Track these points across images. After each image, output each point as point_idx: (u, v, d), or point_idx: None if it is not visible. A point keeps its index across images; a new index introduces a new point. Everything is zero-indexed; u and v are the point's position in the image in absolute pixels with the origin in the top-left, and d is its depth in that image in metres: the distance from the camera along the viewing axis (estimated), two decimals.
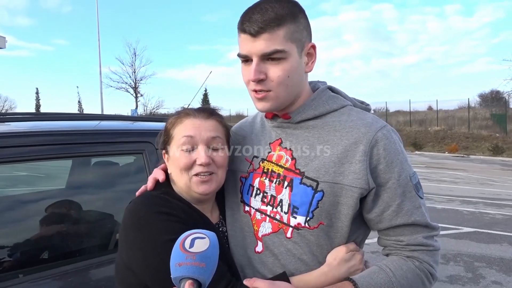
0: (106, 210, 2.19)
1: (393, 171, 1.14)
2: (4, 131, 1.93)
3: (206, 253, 0.86)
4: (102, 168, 2.40)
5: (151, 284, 1.13)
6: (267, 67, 1.13)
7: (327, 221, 1.15)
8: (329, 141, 1.18)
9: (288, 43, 1.12)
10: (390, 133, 1.18)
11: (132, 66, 43.12)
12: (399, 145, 1.18)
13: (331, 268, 1.16)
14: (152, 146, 2.09)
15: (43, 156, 1.89)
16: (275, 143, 1.26)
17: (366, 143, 1.13)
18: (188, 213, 1.20)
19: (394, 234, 1.19)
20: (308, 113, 1.22)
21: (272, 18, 1.10)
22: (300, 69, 1.18)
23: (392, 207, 1.15)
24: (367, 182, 1.12)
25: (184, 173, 1.22)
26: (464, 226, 7.28)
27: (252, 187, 1.27)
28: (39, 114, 2.83)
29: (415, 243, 1.17)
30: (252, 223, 1.25)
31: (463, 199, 9.98)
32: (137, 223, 1.15)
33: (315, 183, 1.14)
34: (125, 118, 3.09)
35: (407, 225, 1.16)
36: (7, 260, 1.80)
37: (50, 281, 1.71)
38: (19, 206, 2.22)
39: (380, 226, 1.19)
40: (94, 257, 1.95)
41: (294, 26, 1.13)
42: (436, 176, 14.40)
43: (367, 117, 1.20)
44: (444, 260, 5.45)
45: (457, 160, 21.88)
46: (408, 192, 1.16)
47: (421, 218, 1.17)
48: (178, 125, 1.26)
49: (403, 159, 1.17)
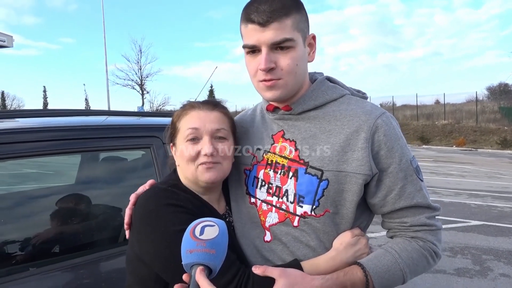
0: (115, 204, 2.22)
1: (394, 156, 1.18)
2: (13, 127, 1.97)
3: (216, 240, 0.89)
4: (111, 163, 2.43)
5: (162, 273, 1.17)
6: (277, 56, 1.16)
7: (332, 208, 1.19)
8: (331, 130, 1.21)
9: (295, 32, 1.16)
10: (389, 119, 1.22)
11: (138, 63, 43.33)
12: (398, 130, 1.22)
13: (338, 252, 1.20)
14: (159, 140, 2.11)
15: (52, 151, 1.91)
16: (277, 135, 1.29)
17: (367, 130, 1.17)
18: (195, 204, 1.23)
19: (398, 217, 1.23)
20: (308, 103, 1.25)
21: (279, 8, 1.13)
22: (305, 58, 1.23)
23: (395, 191, 1.20)
24: (370, 168, 1.16)
25: (190, 163, 1.25)
26: (472, 219, 7.25)
27: (257, 179, 1.29)
28: (47, 111, 2.86)
29: (418, 224, 1.21)
30: (258, 214, 1.28)
31: (471, 193, 9.93)
32: (147, 215, 1.19)
33: (320, 172, 1.18)
34: (132, 113, 3.12)
35: (410, 207, 1.21)
36: (19, 254, 1.84)
37: (61, 273, 1.75)
38: (29, 201, 2.26)
39: (384, 209, 1.23)
40: (104, 250, 1.98)
41: (299, 16, 1.18)
42: (444, 170, 14.33)
43: (366, 105, 1.24)
44: (451, 253, 5.45)
45: (465, 153, 21.75)
46: (409, 176, 1.20)
47: (423, 200, 1.21)
48: (183, 118, 1.29)
49: (403, 144, 1.21)
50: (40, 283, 1.67)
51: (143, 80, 43.25)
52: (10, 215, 1.99)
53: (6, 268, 1.75)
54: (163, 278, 1.17)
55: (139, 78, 43.16)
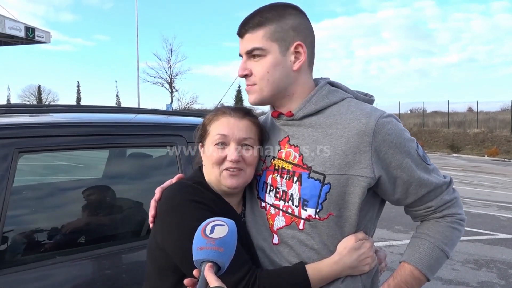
0: (139, 199, 2.30)
1: (403, 152, 1.23)
2: (48, 121, 2.07)
3: (225, 239, 0.95)
4: (137, 159, 2.52)
5: (180, 264, 1.24)
6: (252, 64, 1.28)
7: (336, 211, 1.22)
8: (332, 134, 1.24)
9: (268, 42, 1.25)
10: (389, 118, 1.24)
11: (168, 61, 44.10)
12: (400, 126, 1.26)
13: (341, 256, 1.23)
14: (183, 139, 2.18)
15: (82, 146, 2.01)
16: (284, 141, 1.33)
17: (369, 133, 1.19)
18: (217, 204, 1.30)
19: (422, 203, 1.31)
20: (309, 108, 1.28)
21: (255, 21, 1.26)
22: (284, 66, 1.27)
23: (414, 182, 1.26)
24: (373, 171, 1.19)
25: (216, 167, 1.31)
26: (500, 232, 7.04)
27: (266, 184, 1.35)
28: (80, 106, 2.99)
29: (442, 204, 1.31)
30: (267, 218, 1.33)
31: (501, 205, 9.62)
32: (172, 208, 1.27)
33: (322, 176, 1.21)
34: (160, 112, 3.21)
35: (430, 192, 1.29)
36: (47, 242, 1.93)
37: (85, 263, 1.83)
38: (58, 193, 2.37)
39: (408, 200, 1.30)
40: (126, 242, 2.06)
41: (276, 26, 1.25)
42: (474, 180, 13.93)
43: (365, 108, 1.26)
44: (476, 266, 5.32)
45: (497, 164, 21.06)
46: (420, 165, 1.27)
47: (438, 181, 1.30)
48: (214, 122, 1.35)
49: (407, 138, 1.25)
50: (66, 270, 1.76)
51: (172, 78, 44.01)
52: (40, 205, 2.10)
53: (35, 254, 1.85)
54: (181, 269, 1.23)
55: (169, 76, 43.94)
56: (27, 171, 2.23)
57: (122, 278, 1.88)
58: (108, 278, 1.84)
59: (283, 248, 1.28)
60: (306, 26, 1.30)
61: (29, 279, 1.66)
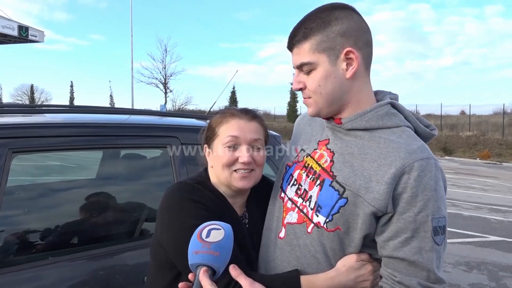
0: (133, 200, 2.30)
1: (414, 204, 1.10)
2: (41, 122, 2.07)
3: (221, 243, 0.95)
4: (131, 160, 2.52)
5: (175, 260, 1.27)
6: (304, 77, 1.24)
7: (344, 228, 1.17)
8: (367, 154, 1.19)
9: (315, 54, 1.19)
10: (430, 166, 1.13)
11: (162, 62, 43.92)
12: (435, 182, 1.12)
13: (338, 273, 1.19)
14: (178, 140, 2.18)
15: (76, 147, 2.01)
16: (323, 142, 1.31)
17: (400, 168, 1.12)
18: (215, 203, 1.32)
19: (392, 267, 1.14)
20: (359, 123, 1.23)
21: (300, 34, 1.21)
22: (336, 77, 1.20)
23: (400, 238, 1.12)
24: (386, 206, 1.11)
25: (226, 168, 1.33)
26: (491, 235, 7.09)
27: (292, 177, 1.34)
28: (73, 107, 2.98)
29: (407, 285, 1.11)
30: (282, 210, 1.32)
31: (492, 207, 9.69)
32: (171, 206, 1.30)
33: (342, 189, 1.18)
34: (154, 113, 3.21)
35: (408, 262, 1.11)
36: (39, 243, 1.93)
37: (78, 263, 1.83)
38: (51, 193, 2.37)
39: (383, 252, 1.16)
40: (119, 243, 2.06)
41: (322, 36, 1.19)
42: (465, 183, 14.03)
43: (414, 144, 1.17)
44: (467, 268, 5.36)
45: (489, 167, 21.22)
46: (423, 232, 1.11)
47: (425, 262, 1.10)
48: (224, 124, 1.36)
49: (432, 197, 1.11)
50: (58, 271, 1.76)
51: (167, 79, 43.86)
52: (33, 205, 2.10)
53: (27, 255, 1.85)
54: (177, 267, 1.26)
55: (163, 77, 43.78)
56: (20, 171, 2.22)
57: (116, 279, 1.88)
58: (101, 279, 1.84)
59: (287, 245, 1.26)
60: (357, 27, 1.20)
61: (21, 280, 1.65)
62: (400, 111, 1.27)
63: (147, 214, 2.22)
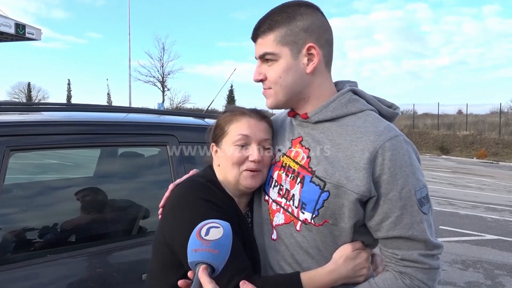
0: (131, 198, 2.30)
1: (395, 183, 1.14)
2: (40, 120, 2.07)
3: (220, 241, 0.95)
4: (128, 158, 2.53)
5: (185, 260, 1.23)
6: (265, 68, 1.28)
7: (332, 220, 1.20)
8: (339, 144, 1.22)
9: (278, 46, 1.24)
10: (400, 143, 1.17)
11: (160, 60, 43.88)
12: (408, 157, 1.17)
13: (337, 266, 1.20)
14: (175, 139, 2.19)
15: (73, 145, 2.01)
16: (296, 140, 1.33)
17: (372, 151, 1.15)
18: (226, 204, 1.31)
19: (391, 247, 1.19)
20: (325, 114, 1.26)
21: (265, 25, 1.25)
22: (296, 70, 1.25)
23: (391, 218, 1.16)
24: (369, 190, 1.14)
25: (235, 167, 1.32)
26: (487, 233, 7.13)
27: (272, 179, 1.35)
28: (71, 105, 2.98)
29: (409, 259, 1.16)
30: (269, 212, 1.34)
31: (488, 206, 9.74)
32: (182, 205, 1.28)
33: (323, 183, 1.20)
34: (152, 111, 3.21)
35: (404, 239, 1.16)
36: (38, 240, 1.93)
37: (76, 261, 1.84)
38: (49, 191, 2.37)
39: (379, 234, 1.20)
40: (117, 241, 2.07)
41: (286, 30, 1.23)
42: (462, 182, 14.09)
43: (380, 125, 1.21)
44: (463, 266, 5.39)
45: (485, 166, 21.31)
46: (410, 206, 1.15)
47: (420, 234, 1.15)
48: (234, 123, 1.36)
49: (410, 172, 1.16)
50: (56, 269, 1.76)
51: (164, 77, 43.81)
52: (31, 203, 2.10)
53: (25, 253, 1.85)
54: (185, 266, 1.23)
55: (161, 75, 43.73)
56: (18, 169, 2.22)
57: (113, 277, 1.89)
58: (99, 276, 1.85)
59: (280, 245, 1.28)
60: (319, 25, 1.25)
61: (19, 278, 1.66)
62: (361, 96, 1.31)
63: (144, 212, 2.22)
